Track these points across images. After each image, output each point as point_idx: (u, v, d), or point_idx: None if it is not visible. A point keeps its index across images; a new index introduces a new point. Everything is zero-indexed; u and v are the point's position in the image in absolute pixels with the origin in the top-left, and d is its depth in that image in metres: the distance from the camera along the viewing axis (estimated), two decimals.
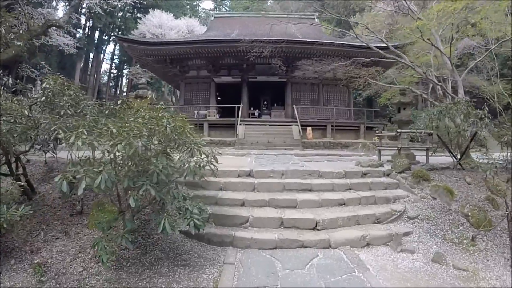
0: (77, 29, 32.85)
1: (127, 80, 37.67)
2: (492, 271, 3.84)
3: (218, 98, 18.21)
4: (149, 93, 7.18)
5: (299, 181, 5.27)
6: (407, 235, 4.55)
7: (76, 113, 4.68)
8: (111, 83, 41.37)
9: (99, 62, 37.23)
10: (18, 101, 4.70)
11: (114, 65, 42.33)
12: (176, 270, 3.36)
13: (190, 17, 33.50)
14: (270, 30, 11.96)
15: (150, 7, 32.84)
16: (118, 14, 35.41)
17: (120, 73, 43.11)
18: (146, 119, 3.20)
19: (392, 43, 12.01)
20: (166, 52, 16.02)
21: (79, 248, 3.97)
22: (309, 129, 14.01)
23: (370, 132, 16.69)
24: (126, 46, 17.06)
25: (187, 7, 42.90)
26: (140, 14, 35.02)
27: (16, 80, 6.62)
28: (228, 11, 39.12)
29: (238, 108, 14.24)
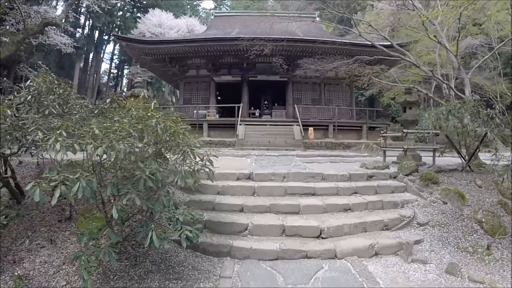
0: (76, 29, 32.70)
1: (127, 80, 37.42)
2: (509, 283, 3.54)
3: (218, 97, 17.93)
4: (144, 92, 6.89)
5: (301, 184, 4.97)
6: (418, 243, 4.24)
7: (64, 112, 4.41)
8: (111, 83, 41.15)
9: (99, 62, 37.00)
10: (5, 101, 4.43)
11: (114, 65, 42.16)
12: (168, 284, 3.06)
13: (190, 17, 33.20)
14: (271, 29, 11.69)
15: (150, 7, 32.61)
16: (118, 13, 35.24)
17: (120, 73, 42.89)
18: (134, 118, 2.90)
19: (395, 42, 11.70)
20: (165, 50, 15.75)
21: (64, 258, 3.68)
22: (310, 129, 13.72)
23: (372, 132, 16.40)
24: (125, 45, 16.82)
25: (187, 7, 42.65)
26: (140, 13, 34.80)
27: (15, 80, 6.37)
28: (228, 11, 38.82)
29: (238, 107, 13.95)
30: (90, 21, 33.14)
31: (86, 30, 34.62)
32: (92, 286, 3.05)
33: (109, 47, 39.22)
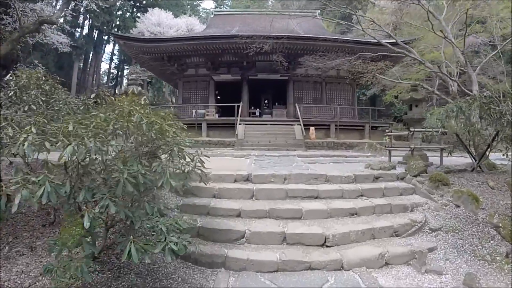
0: (76, 29, 32.45)
1: (127, 79, 37.12)
2: None
3: (218, 97, 17.59)
4: (138, 89, 6.56)
5: (304, 187, 4.61)
6: (431, 251, 3.89)
7: (47, 109, 4.10)
8: (111, 83, 40.87)
9: (98, 62, 36.76)
10: None
11: (113, 65, 41.89)
12: None
13: (190, 16, 32.88)
14: (271, 27, 11.41)
15: (149, 6, 32.31)
16: (117, 13, 34.97)
17: (120, 73, 42.60)
18: (116, 113, 2.56)
19: (393, 41, 11.35)
20: (163, 49, 15.44)
21: (42, 268, 3.34)
22: (312, 128, 13.37)
23: (375, 132, 16.06)
24: (122, 44, 16.54)
25: (188, 7, 42.34)
26: (140, 13, 34.49)
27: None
28: (228, 9, 38.48)
29: (238, 107, 13.60)
30: (90, 21, 32.88)
31: (85, 30, 34.39)
32: None
33: (109, 47, 38.99)
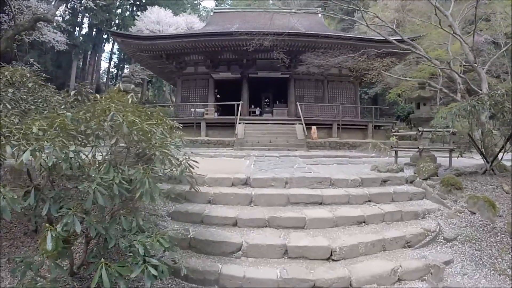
0: (75, 27, 32.11)
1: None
2: None
3: (217, 95, 17.22)
4: (132, 87, 6.21)
5: (307, 191, 4.25)
6: (447, 264, 3.52)
7: (25, 108, 3.77)
8: (110, 82, 40.54)
9: (98, 61, 36.42)
10: None
11: (113, 64, 41.52)
12: None
13: (190, 14, 32.45)
14: (272, 24, 11.02)
15: (149, 5, 31.90)
16: (117, 11, 34.57)
17: (120, 72, 42.24)
18: (90, 111, 2.21)
19: (399, 37, 10.97)
20: (161, 46, 15.09)
21: (16, 283, 3.00)
22: (313, 128, 12.99)
23: (378, 131, 15.68)
24: (120, 41, 16.20)
25: (188, 5, 41.92)
26: (139, 12, 34.10)
27: None
28: (228, 7, 38.06)
29: (238, 106, 13.24)
30: (89, 20, 32.53)
31: (85, 29, 34.05)
32: None
33: (109, 46, 38.63)
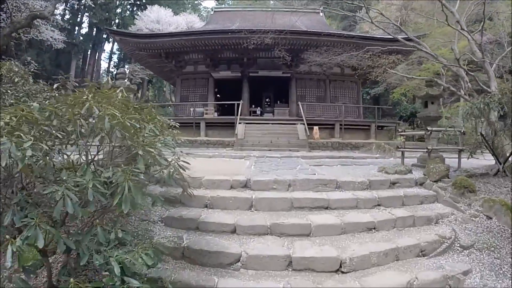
0: (75, 26, 31.87)
1: (126, 78, 36.51)
2: None
3: (217, 95, 16.93)
4: (126, 83, 5.93)
5: (311, 195, 3.94)
6: (466, 275, 3.22)
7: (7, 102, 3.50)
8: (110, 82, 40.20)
9: (98, 60, 36.15)
10: None
11: (113, 63, 41.22)
12: None
13: (190, 13, 32.21)
14: (273, 23, 10.76)
15: (149, 4, 31.65)
16: (116, 10, 34.34)
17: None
18: (66, 103, 1.91)
19: (404, 36, 10.67)
20: (160, 45, 14.82)
21: None
22: (315, 128, 12.68)
23: (381, 131, 15.38)
24: (119, 40, 15.98)
25: (188, 5, 41.67)
26: (139, 12, 33.86)
27: None
28: (228, 6, 37.77)
29: (238, 105, 12.93)
30: (88, 19, 32.29)
31: (86, 29, 33.81)
32: None
33: (109, 46, 38.36)
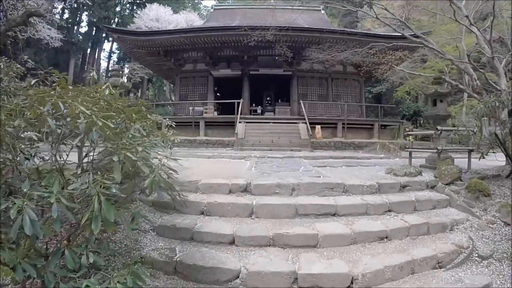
0: (74, 25, 31.58)
1: (126, 77, 36.24)
2: None
3: (217, 94, 16.62)
4: (120, 81, 5.64)
5: (317, 200, 3.63)
6: None
7: None
8: None
9: (98, 60, 35.88)
10: None
11: (113, 62, 40.92)
12: None
13: (190, 12, 31.88)
14: (274, 20, 10.45)
15: (149, 3, 31.35)
16: (116, 9, 34.04)
17: (121, 71, 41.65)
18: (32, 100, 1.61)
19: (407, 33, 10.35)
20: (159, 43, 14.49)
21: None
22: (317, 127, 12.37)
23: (384, 131, 15.05)
24: (116, 38, 15.68)
25: (189, 4, 41.36)
26: (139, 10, 33.58)
27: None
28: (229, 4, 37.45)
29: (238, 104, 12.62)
30: (88, 18, 32.01)
31: (85, 28, 33.58)
32: None
33: (108, 45, 38.08)
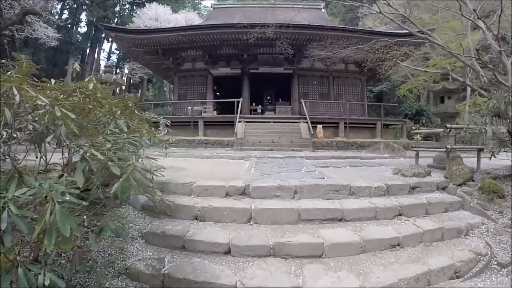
0: (73, 25, 31.39)
1: (126, 77, 36.05)
2: None
3: (216, 93, 16.34)
4: (113, 78, 5.37)
5: (322, 204, 3.33)
6: None
7: None
8: None
9: (97, 60, 35.68)
10: None
11: (113, 62, 40.69)
12: None
13: (189, 11, 31.67)
14: (274, 18, 10.20)
15: (148, 2, 31.14)
16: (115, 8, 33.86)
17: (121, 71, 41.47)
18: None
19: (411, 29, 10.06)
20: (157, 41, 14.23)
21: None
22: (319, 126, 12.09)
23: (387, 130, 14.77)
24: (114, 36, 15.39)
25: (188, 3, 41.18)
26: (138, 10, 33.39)
27: None
28: (228, 2, 37.24)
29: (238, 103, 12.35)
30: (87, 18, 31.82)
31: (84, 28, 33.41)
32: None
33: (108, 45, 37.90)
